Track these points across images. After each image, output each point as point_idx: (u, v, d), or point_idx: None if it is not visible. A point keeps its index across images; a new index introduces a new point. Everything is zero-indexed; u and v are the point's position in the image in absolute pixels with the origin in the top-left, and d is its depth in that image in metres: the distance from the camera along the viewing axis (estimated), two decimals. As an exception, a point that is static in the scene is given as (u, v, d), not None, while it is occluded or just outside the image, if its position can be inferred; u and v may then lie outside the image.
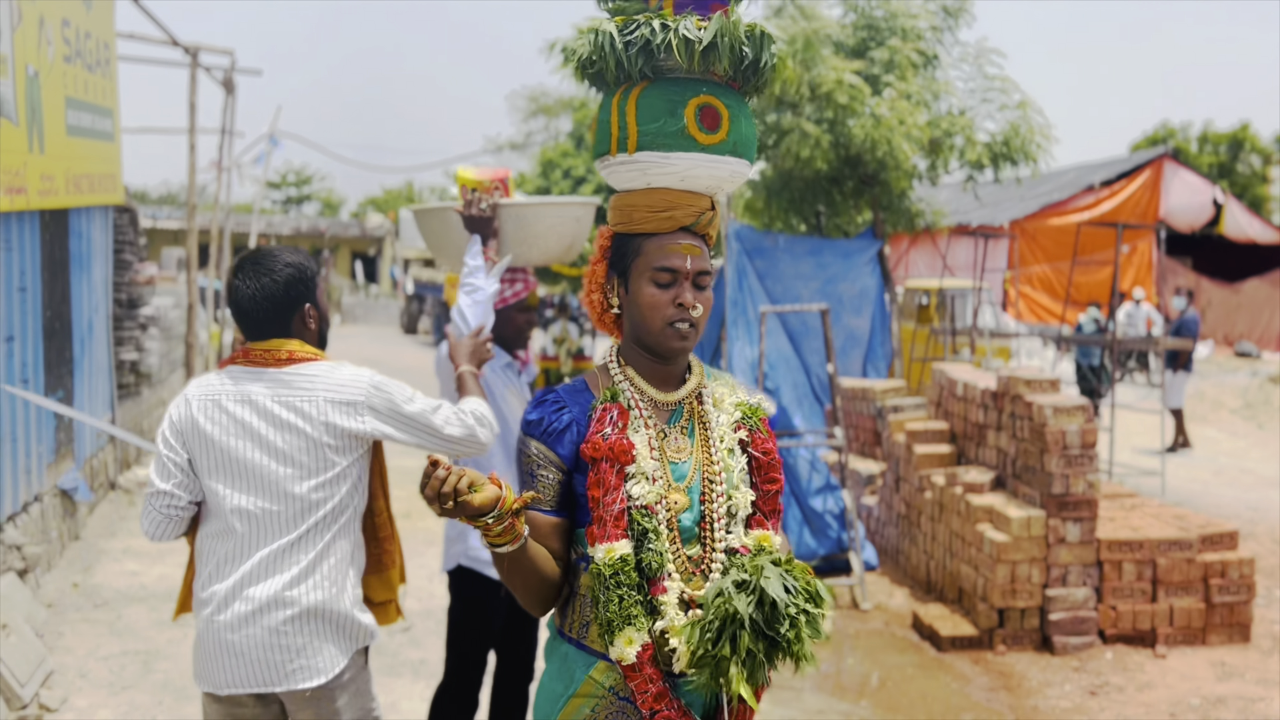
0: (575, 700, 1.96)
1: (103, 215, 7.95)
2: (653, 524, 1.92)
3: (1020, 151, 9.91)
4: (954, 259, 16.57)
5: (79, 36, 6.69)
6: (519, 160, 36.51)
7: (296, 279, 2.60)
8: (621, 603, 1.88)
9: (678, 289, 1.96)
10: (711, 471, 2.01)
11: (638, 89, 1.98)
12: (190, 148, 11.97)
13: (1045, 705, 5.08)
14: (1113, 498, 6.69)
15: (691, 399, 2.07)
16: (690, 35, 1.91)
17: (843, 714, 4.95)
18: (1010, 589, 5.73)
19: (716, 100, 1.97)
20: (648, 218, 1.98)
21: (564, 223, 3.51)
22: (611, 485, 1.92)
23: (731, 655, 1.79)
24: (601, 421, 1.96)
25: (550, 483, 1.97)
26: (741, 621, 1.79)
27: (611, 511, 1.92)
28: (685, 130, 1.94)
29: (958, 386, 6.95)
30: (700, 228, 2.01)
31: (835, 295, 9.24)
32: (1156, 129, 33.01)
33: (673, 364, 2.05)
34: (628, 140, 1.97)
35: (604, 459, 1.93)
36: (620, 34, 1.95)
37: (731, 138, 1.97)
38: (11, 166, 5.27)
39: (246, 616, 2.49)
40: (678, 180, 1.97)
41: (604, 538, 1.91)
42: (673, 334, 1.97)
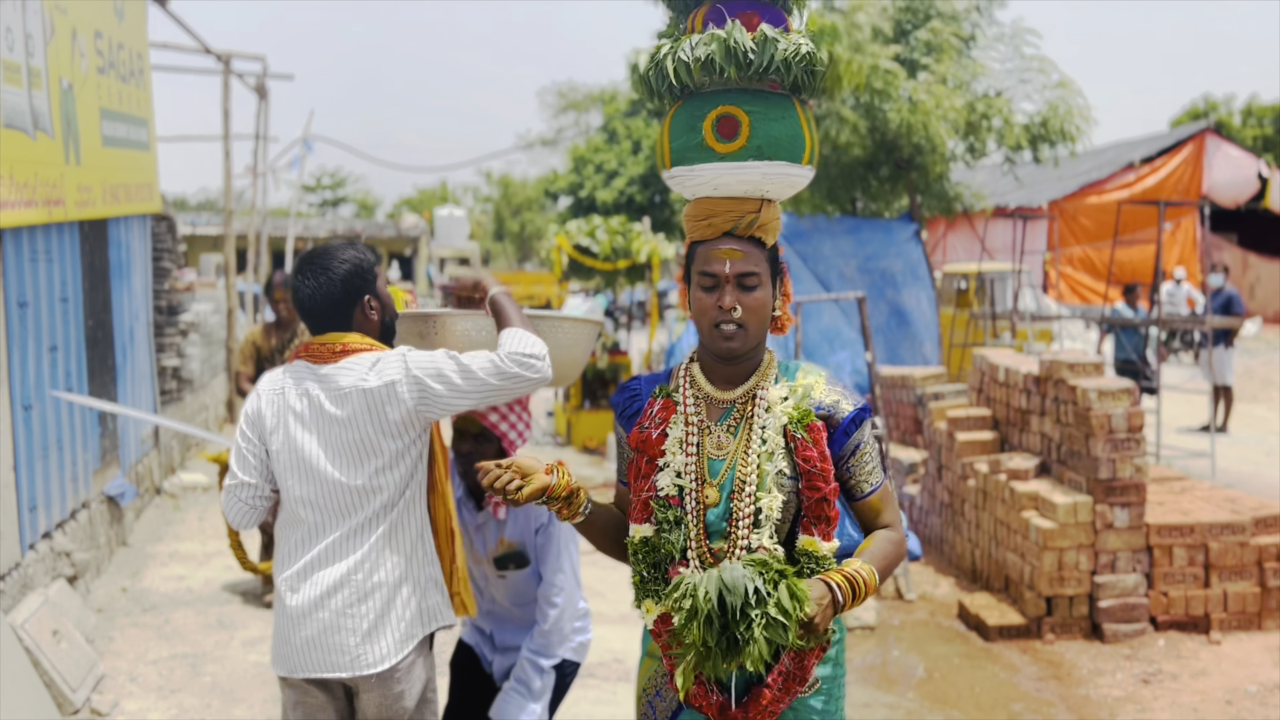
0: (647, 660, 2.24)
1: (141, 224, 8.04)
2: (670, 514, 2.11)
3: (1059, 132, 9.76)
4: (992, 241, 16.38)
5: (112, 48, 6.76)
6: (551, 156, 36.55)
7: (353, 273, 2.67)
8: (642, 578, 2.14)
9: (719, 292, 2.08)
10: (743, 473, 2.10)
11: (675, 107, 2.14)
12: (225, 154, 12.10)
13: (1097, 695, 5.00)
14: (1161, 481, 6.57)
15: (746, 399, 2.16)
16: (684, 56, 2.06)
17: (889, 706, 4.89)
18: (1058, 576, 5.64)
19: (737, 109, 2.07)
20: (695, 227, 2.14)
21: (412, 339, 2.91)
22: (643, 474, 2.14)
23: (688, 644, 1.92)
24: (647, 414, 2.17)
25: (626, 458, 2.24)
26: (698, 616, 1.90)
27: (640, 498, 2.14)
28: (704, 143, 2.07)
29: (999, 372, 6.85)
30: (742, 230, 2.10)
31: (878, 271, 9.19)
32: (1196, 103, 32.38)
33: (734, 363, 2.15)
34: (665, 157, 2.14)
35: (637, 449, 2.16)
36: (649, 63, 2.14)
37: (754, 142, 2.07)
38: (48, 179, 5.33)
39: (314, 601, 2.58)
40: (711, 189, 2.10)
41: (634, 519, 2.16)
42: (718, 335, 2.08)
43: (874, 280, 9.21)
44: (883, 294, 9.22)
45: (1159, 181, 20.49)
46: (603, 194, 30.34)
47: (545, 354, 2.63)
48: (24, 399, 5.17)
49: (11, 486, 4.97)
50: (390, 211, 52.36)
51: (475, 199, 50.77)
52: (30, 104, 5.09)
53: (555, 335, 2.97)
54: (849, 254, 9.18)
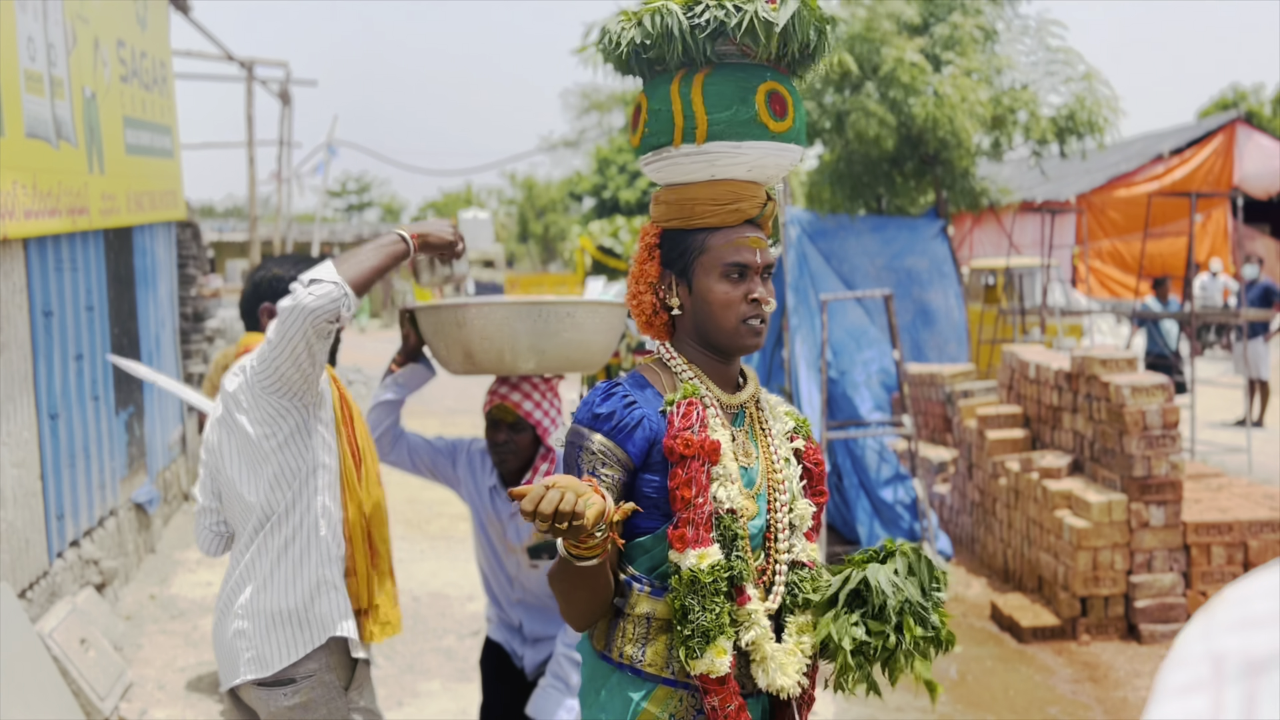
0: (660, 697, 1.83)
1: (166, 231, 8.07)
2: (741, 529, 1.83)
3: (1086, 125, 9.62)
4: (1020, 236, 16.19)
5: (135, 56, 6.78)
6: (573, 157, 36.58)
7: (260, 284, 3.06)
8: (719, 612, 1.76)
9: (749, 284, 1.87)
10: (775, 480, 1.94)
11: (701, 75, 1.86)
12: (249, 160, 12.16)
13: (1135, 697, 4.90)
14: (1197, 478, 6.45)
15: (751, 403, 1.98)
16: (768, 17, 1.80)
17: (922, 710, 4.82)
18: (1093, 576, 5.54)
19: (781, 86, 1.88)
20: (713, 211, 1.88)
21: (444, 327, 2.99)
22: (703, 485, 1.79)
23: (898, 645, 1.80)
24: (687, 417, 1.83)
25: (612, 483, 1.82)
26: (907, 606, 1.80)
27: (703, 514, 1.78)
28: (758, 118, 1.86)
29: (1029, 368, 6.74)
30: (765, 219, 1.94)
31: (903, 270, 9.08)
32: (1224, 93, 31.96)
33: (733, 365, 1.96)
34: (695, 130, 1.86)
35: (695, 457, 1.79)
36: (686, 15, 1.83)
37: (796, 125, 1.91)
38: (72, 188, 5.35)
39: (221, 612, 2.56)
40: (745, 171, 1.88)
41: (696, 542, 1.77)
42: (747, 331, 1.88)
43: (900, 278, 9.12)
44: (909, 292, 9.13)
45: (1189, 173, 20.20)
46: (626, 194, 30.32)
47: (331, 275, 2.34)
48: (50, 408, 5.18)
49: (39, 495, 4.98)
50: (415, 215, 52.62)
51: (499, 201, 50.93)
52: (53, 113, 5.10)
53: (574, 320, 2.99)
54: (874, 252, 9.10)
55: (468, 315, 2.92)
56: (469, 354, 2.97)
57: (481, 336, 2.94)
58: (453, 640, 5.56)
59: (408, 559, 6.99)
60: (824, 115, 9.58)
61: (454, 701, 4.80)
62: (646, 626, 1.84)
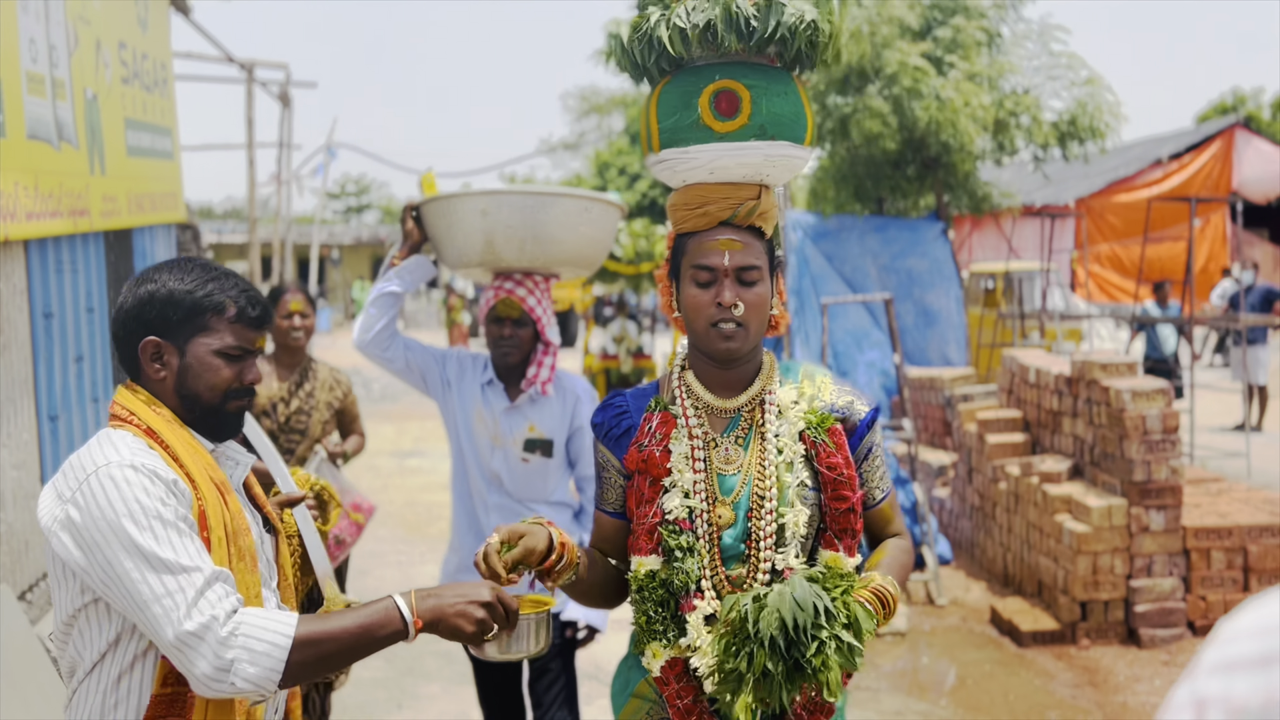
0: (634, 700, 2.00)
1: (166, 233, 8.07)
2: (681, 541, 1.85)
3: (1088, 129, 9.64)
4: (1019, 240, 16.20)
5: (136, 58, 6.78)
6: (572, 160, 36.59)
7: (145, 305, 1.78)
8: (648, 618, 1.87)
9: (717, 287, 1.86)
10: (761, 487, 1.88)
11: (661, 84, 1.92)
12: (249, 162, 12.16)
13: (1135, 701, 4.90)
14: (1197, 483, 6.45)
15: (753, 406, 1.94)
16: (680, 23, 1.82)
17: (921, 714, 4.81)
18: (1092, 581, 5.54)
19: (736, 84, 1.85)
20: (686, 216, 1.92)
21: (465, 216, 3.10)
22: (646, 498, 1.89)
23: (748, 672, 1.64)
24: (643, 431, 1.92)
25: (612, 485, 1.99)
26: (760, 639, 1.63)
27: (644, 525, 1.88)
28: (700, 121, 1.86)
29: (1029, 373, 6.75)
30: (741, 219, 1.89)
31: (905, 270, 9.11)
32: (1224, 97, 32.00)
33: (733, 367, 1.93)
34: (653, 139, 1.92)
35: (638, 471, 1.90)
36: (633, 33, 1.91)
37: (756, 120, 1.85)
38: (74, 189, 5.35)
39: None
40: (706, 174, 1.90)
41: (636, 550, 1.90)
42: (716, 335, 1.86)
43: (901, 279, 9.14)
44: (910, 292, 9.15)
45: (1188, 178, 20.22)
46: (626, 197, 30.35)
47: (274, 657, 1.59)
48: (50, 410, 5.18)
49: (39, 497, 4.98)
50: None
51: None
52: (55, 115, 5.11)
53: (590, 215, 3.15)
54: (876, 252, 9.13)
55: (494, 204, 3.05)
56: (490, 242, 3.09)
57: (506, 225, 3.06)
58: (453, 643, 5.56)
59: (407, 561, 6.98)
60: (827, 117, 9.59)
61: (454, 704, 4.80)
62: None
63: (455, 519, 3.42)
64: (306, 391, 4.21)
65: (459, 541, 3.40)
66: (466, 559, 3.33)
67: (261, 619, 1.61)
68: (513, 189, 3.12)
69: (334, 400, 4.28)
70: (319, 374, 4.29)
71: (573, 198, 3.14)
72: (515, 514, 3.24)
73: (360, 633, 1.65)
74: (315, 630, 1.62)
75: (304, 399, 4.19)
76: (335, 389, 4.31)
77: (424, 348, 3.35)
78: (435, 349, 3.37)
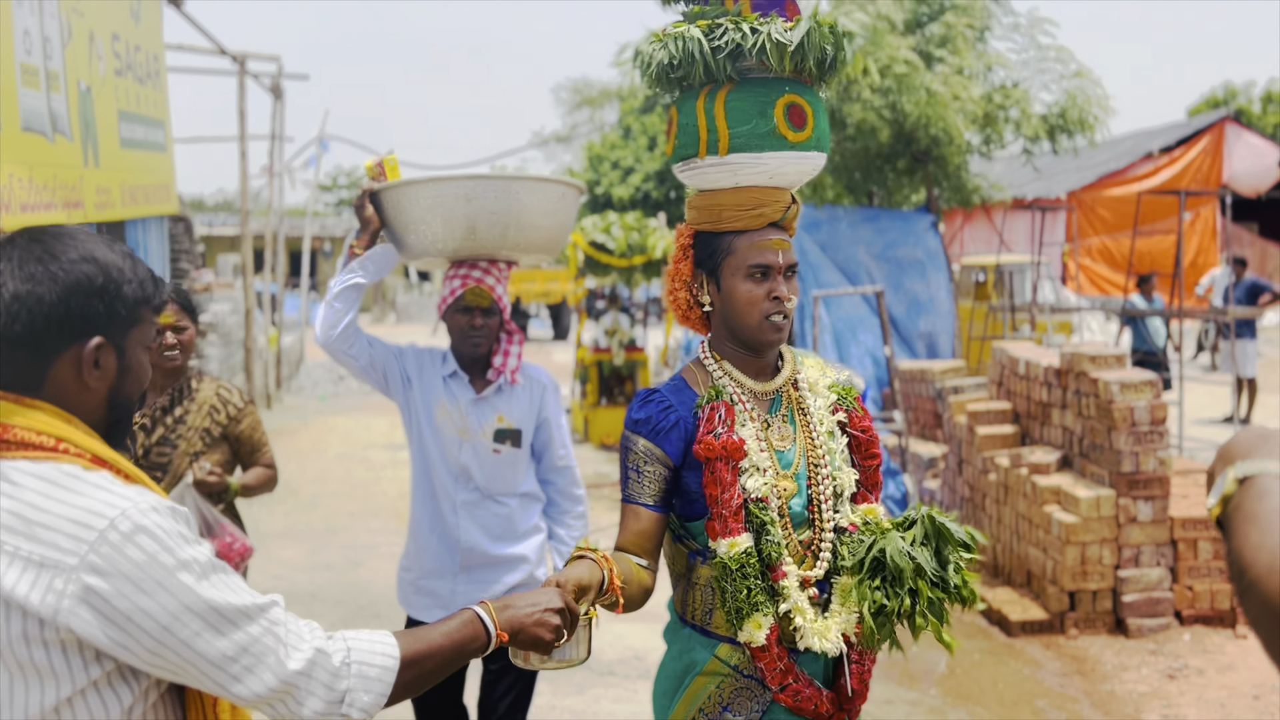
0: (700, 679, 2.09)
1: (158, 225, 8.07)
2: (769, 515, 2.02)
3: (1078, 122, 9.69)
4: (1010, 233, 16.26)
5: (129, 50, 6.78)
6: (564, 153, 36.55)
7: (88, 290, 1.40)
8: (750, 593, 1.99)
9: (771, 283, 2.05)
10: (815, 456, 2.11)
11: (723, 92, 2.04)
12: (241, 155, 12.15)
13: (1122, 690, 4.96)
14: (1185, 474, 6.50)
15: (788, 386, 2.16)
16: (781, 38, 1.99)
17: (911, 703, 4.87)
18: (1081, 571, 5.60)
19: (801, 99, 2.05)
20: (738, 216, 2.06)
21: (447, 202, 2.98)
22: (728, 483, 2.01)
23: (913, 606, 1.92)
24: (711, 420, 2.04)
25: (655, 478, 2.08)
26: (920, 570, 1.92)
27: (731, 507, 2.01)
28: (776, 130, 2.02)
29: (1019, 365, 6.80)
30: (788, 222, 2.11)
31: (897, 260, 9.19)
32: (1215, 91, 32.09)
33: (766, 355, 2.14)
34: (718, 143, 2.03)
35: (719, 458, 2.01)
36: (707, 38, 2.02)
37: (816, 134, 2.06)
38: (68, 181, 5.36)
39: None
40: (766, 178, 2.06)
41: (725, 533, 2.01)
42: (769, 327, 2.06)
43: (893, 268, 9.22)
44: (901, 282, 9.24)
45: (1179, 171, 20.30)
46: (619, 190, 30.33)
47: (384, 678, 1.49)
48: (45, 401, 5.19)
49: None
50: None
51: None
52: (49, 107, 5.11)
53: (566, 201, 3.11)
54: (868, 241, 9.21)
55: (480, 189, 2.97)
56: (473, 229, 2.99)
57: (491, 211, 2.98)
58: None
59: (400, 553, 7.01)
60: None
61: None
62: (710, 594, 2.08)
63: (414, 527, 3.25)
64: (175, 418, 3.31)
65: (418, 549, 3.23)
66: (434, 567, 3.19)
67: (368, 642, 1.49)
68: (495, 175, 3.09)
69: (214, 426, 3.36)
70: (199, 395, 3.38)
71: (553, 182, 3.11)
72: (486, 510, 3.15)
73: (454, 649, 1.59)
74: (417, 649, 1.54)
75: (170, 427, 3.30)
76: (219, 412, 3.38)
77: (384, 344, 3.20)
78: (393, 345, 3.23)
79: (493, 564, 3.18)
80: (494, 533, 3.17)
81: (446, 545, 3.18)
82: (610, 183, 30.80)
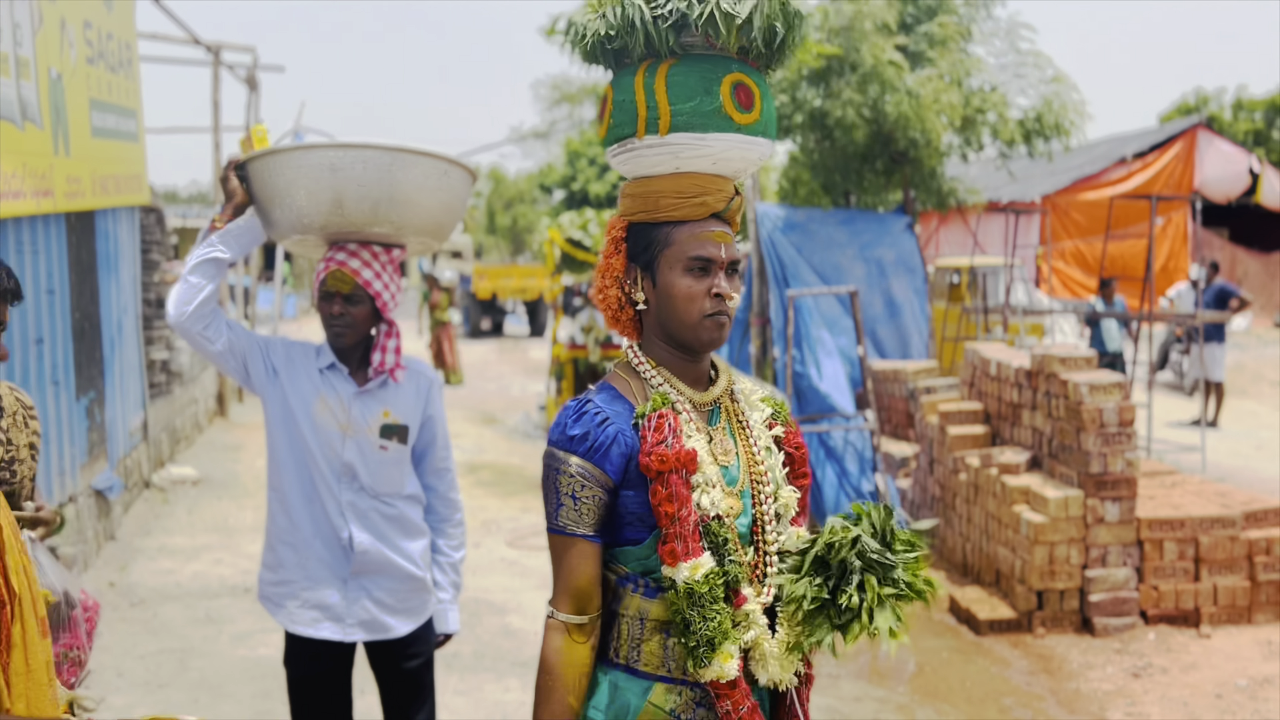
0: (650, 708, 1.85)
1: (129, 216, 7.99)
2: (727, 533, 1.84)
3: (1054, 127, 9.77)
4: (985, 236, 16.35)
5: (101, 38, 6.71)
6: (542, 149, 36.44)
7: None
8: (720, 620, 1.78)
9: (713, 278, 1.85)
10: (758, 472, 1.92)
11: (665, 66, 1.84)
12: (215, 146, 12.04)
13: (1087, 688, 5.00)
14: (1152, 475, 6.57)
15: (725, 397, 1.97)
16: (729, 9, 1.79)
17: (880, 700, 4.89)
18: (1049, 570, 5.64)
19: (747, 78, 1.86)
20: (677, 204, 1.86)
21: (310, 172, 2.76)
22: (685, 498, 1.80)
23: (862, 603, 1.79)
24: (660, 430, 1.81)
25: (594, 504, 1.82)
26: (868, 564, 1.81)
27: (689, 525, 1.80)
28: (722, 109, 1.83)
29: (991, 366, 6.84)
30: (731, 213, 1.91)
31: (873, 260, 9.22)
32: (1185, 97, 32.42)
33: (702, 361, 1.94)
34: (659, 121, 1.83)
35: (673, 470, 1.80)
36: (649, 6, 1.83)
37: (763, 118, 1.88)
38: (38, 169, 5.29)
39: None
40: (710, 164, 1.86)
41: (686, 554, 1.78)
42: (710, 325, 1.86)
43: (869, 269, 9.26)
44: (877, 283, 9.27)
45: (1151, 177, 20.50)
46: (596, 187, 30.31)
47: None
48: (11, 392, 5.13)
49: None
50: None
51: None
52: (19, 94, 5.05)
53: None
54: (844, 243, 9.23)
55: (348, 159, 2.71)
56: (339, 203, 2.76)
57: (359, 184, 2.73)
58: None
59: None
60: (797, 110, 9.64)
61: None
62: (640, 626, 1.85)
63: (288, 531, 2.95)
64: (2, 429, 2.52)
65: (298, 558, 2.94)
66: (322, 575, 2.94)
67: None
68: (366, 142, 2.78)
69: (35, 440, 2.62)
70: (5, 404, 2.55)
71: (434, 157, 2.84)
72: (374, 511, 2.95)
73: None
74: None
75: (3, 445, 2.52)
76: (30, 425, 2.62)
77: (248, 331, 2.96)
78: (259, 335, 2.99)
79: (384, 569, 2.97)
80: (384, 535, 2.97)
81: (333, 551, 2.94)
82: (588, 179, 30.77)
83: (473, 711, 4.58)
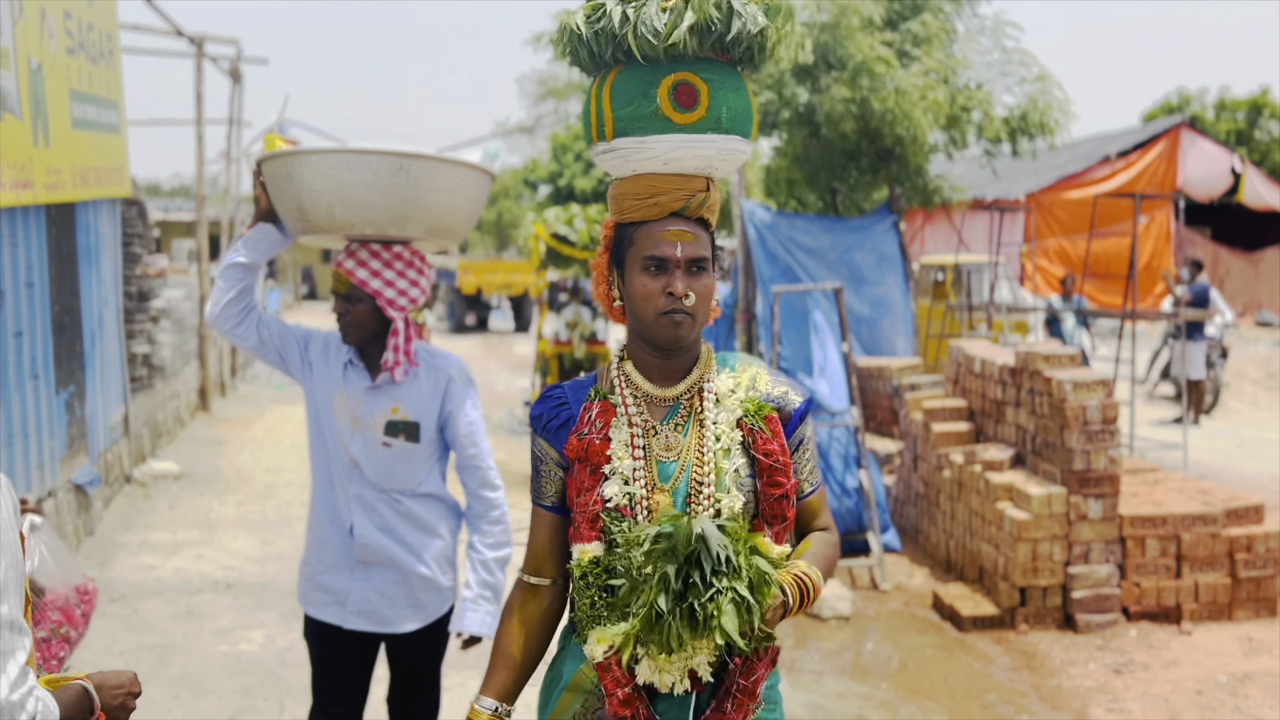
0: (566, 695, 1.96)
1: (110, 208, 7.92)
2: (620, 528, 1.87)
3: (1038, 125, 9.80)
4: (969, 233, 16.42)
5: (81, 28, 6.64)
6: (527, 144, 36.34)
7: None
8: (592, 604, 1.88)
9: (668, 277, 1.89)
10: (700, 473, 1.91)
11: (613, 74, 1.91)
12: (198, 139, 11.96)
13: (1069, 684, 5.02)
14: (1135, 473, 6.60)
15: (691, 394, 1.97)
16: (645, 28, 1.83)
17: (863, 696, 4.90)
18: (1032, 567, 5.66)
19: (694, 77, 1.88)
20: (635, 206, 1.92)
21: (279, 180, 2.83)
22: (585, 487, 1.91)
23: (639, 605, 1.73)
24: (582, 421, 1.94)
25: (551, 478, 1.99)
26: (665, 579, 1.67)
27: (587, 514, 1.90)
28: (659, 111, 1.87)
29: (975, 363, 6.86)
30: (692, 211, 1.93)
31: (853, 264, 9.24)
32: (1169, 97, 32.60)
33: (676, 356, 1.96)
34: (605, 127, 1.92)
35: (578, 459, 1.92)
36: (587, 22, 1.89)
37: (713, 114, 1.89)
38: (17, 161, 5.23)
39: None
40: (660, 164, 1.91)
41: (578, 539, 1.92)
42: (666, 323, 1.89)
43: (853, 270, 9.27)
44: (861, 284, 9.28)
45: (1134, 175, 20.61)
46: (581, 182, 30.25)
47: None
48: (-11, 385, 5.07)
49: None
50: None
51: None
52: (-4, 84, 4.99)
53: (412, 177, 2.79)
54: (827, 244, 9.24)
55: (296, 166, 2.77)
56: (302, 210, 2.83)
57: (311, 189, 2.78)
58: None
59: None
60: (784, 106, 9.64)
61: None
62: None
63: (314, 521, 3.11)
64: None
65: (317, 543, 3.09)
66: (331, 561, 3.05)
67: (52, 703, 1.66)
68: (308, 149, 2.82)
69: None
70: None
71: (376, 154, 2.80)
72: (381, 506, 2.99)
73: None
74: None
75: None
76: None
77: (285, 326, 3.07)
78: (300, 329, 3.11)
79: (386, 563, 3.02)
80: (392, 530, 3.01)
81: (343, 539, 3.03)
82: (574, 174, 30.71)
83: (461, 709, 4.56)
